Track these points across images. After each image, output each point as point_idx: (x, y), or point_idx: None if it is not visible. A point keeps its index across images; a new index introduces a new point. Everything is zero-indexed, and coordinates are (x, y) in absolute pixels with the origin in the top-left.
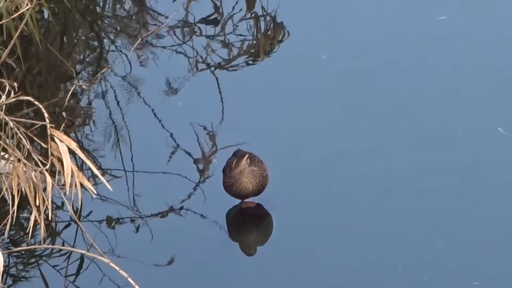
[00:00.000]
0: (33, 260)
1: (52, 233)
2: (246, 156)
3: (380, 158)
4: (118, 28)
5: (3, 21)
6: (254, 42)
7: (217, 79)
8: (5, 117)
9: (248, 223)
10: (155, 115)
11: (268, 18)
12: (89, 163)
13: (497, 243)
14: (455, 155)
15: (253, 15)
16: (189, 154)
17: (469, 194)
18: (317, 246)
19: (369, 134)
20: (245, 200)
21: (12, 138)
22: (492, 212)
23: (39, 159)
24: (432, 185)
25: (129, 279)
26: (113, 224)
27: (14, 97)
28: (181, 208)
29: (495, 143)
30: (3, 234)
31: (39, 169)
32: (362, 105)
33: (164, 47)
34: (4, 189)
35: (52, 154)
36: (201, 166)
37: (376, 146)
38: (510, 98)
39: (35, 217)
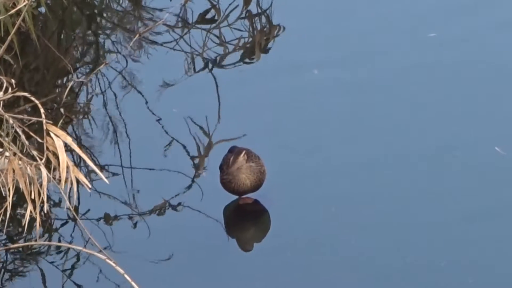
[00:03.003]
0: (30, 256)
1: (50, 230)
2: (243, 152)
3: (373, 162)
4: (116, 24)
5: (0, 17)
6: (250, 39)
7: (213, 75)
8: (2, 112)
9: (246, 219)
10: (152, 111)
11: (264, 15)
12: (84, 157)
13: (501, 265)
14: (452, 176)
15: (249, 13)
16: (186, 150)
17: (469, 215)
18: (315, 242)
19: (364, 138)
20: (243, 196)
21: (8, 134)
22: (493, 234)
23: (35, 154)
24: (430, 208)
25: (126, 276)
26: (110, 220)
27: (10, 93)
28: (179, 204)
29: (492, 163)
30: (1, 230)
31: (35, 163)
32: (357, 106)
33: (161, 44)
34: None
35: (47, 149)
36: (198, 163)
37: (369, 153)
38: (506, 116)
39: (31, 212)
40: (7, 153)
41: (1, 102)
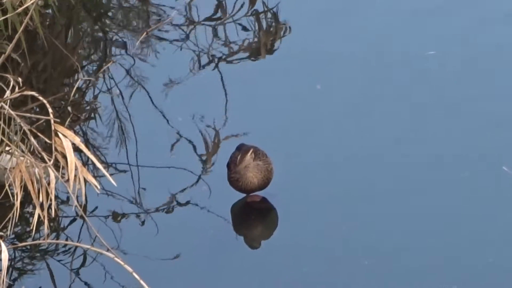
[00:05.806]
0: (38, 254)
1: (58, 228)
2: (251, 150)
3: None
4: (123, 23)
5: (8, 15)
6: (256, 39)
7: (220, 73)
8: (10, 111)
9: (253, 217)
10: (159, 109)
11: (270, 14)
12: (92, 157)
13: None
14: (462, 196)
15: (255, 12)
16: (193, 148)
17: (477, 237)
18: (322, 240)
19: (369, 134)
20: (250, 194)
21: (16, 133)
22: (502, 261)
23: (43, 155)
24: (436, 231)
25: (134, 274)
26: (118, 218)
27: (18, 92)
28: (186, 202)
29: (500, 183)
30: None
31: (43, 164)
32: (363, 104)
33: (168, 42)
34: (7, 184)
35: (56, 150)
36: (205, 160)
37: (378, 151)
38: (508, 135)
39: (39, 214)
40: (16, 152)
41: (9, 101)
